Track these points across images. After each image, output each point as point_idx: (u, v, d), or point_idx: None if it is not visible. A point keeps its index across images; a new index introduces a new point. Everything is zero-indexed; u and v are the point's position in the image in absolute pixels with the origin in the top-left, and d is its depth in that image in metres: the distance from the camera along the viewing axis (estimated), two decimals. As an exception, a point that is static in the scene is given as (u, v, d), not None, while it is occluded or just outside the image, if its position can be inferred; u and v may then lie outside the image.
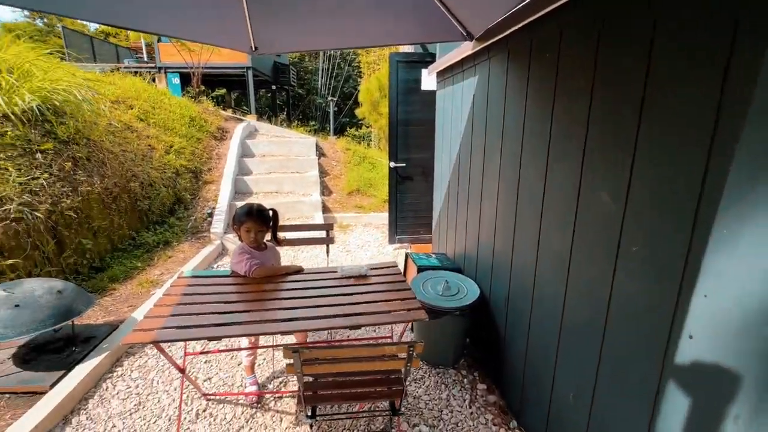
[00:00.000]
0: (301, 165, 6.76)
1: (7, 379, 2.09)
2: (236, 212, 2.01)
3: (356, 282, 1.91)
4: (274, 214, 2.13)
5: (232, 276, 1.95)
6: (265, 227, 2.04)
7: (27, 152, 3.30)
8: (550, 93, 1.57)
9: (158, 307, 1.61)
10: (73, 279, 3.29)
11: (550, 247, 1.63)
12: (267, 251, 2.10)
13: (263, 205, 2.09)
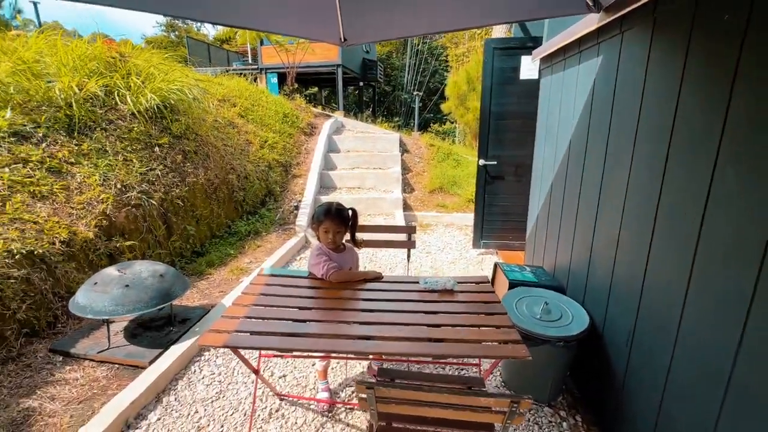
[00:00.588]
0: (384, 161, 6.69)
1: (118, 350, 2.31)
2: (315, 211, 1.92)
3: (441, 297, 1.67)
4: (353, 215, 1.99)
5: (309, 278, 1.86)
6: (344, 228, 1.91)
7: (147, 146, 3.72)
8: (726, 73, 1.13)
9: (235, 306, 1.57)
10: (177, 261, 3.63)
11: (713, 280, 1.19)
12: (345, 253, 1.98)
13: (342, 204, 1.97)
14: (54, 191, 2.81)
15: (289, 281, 1.81)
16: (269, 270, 1.89)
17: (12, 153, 2.78)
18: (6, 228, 2.38)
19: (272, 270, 1.89)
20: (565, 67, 2.49)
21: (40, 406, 1.91)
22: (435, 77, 24.84)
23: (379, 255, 4.36)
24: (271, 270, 1.88)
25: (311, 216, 1.90)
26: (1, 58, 3.28)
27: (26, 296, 2.32)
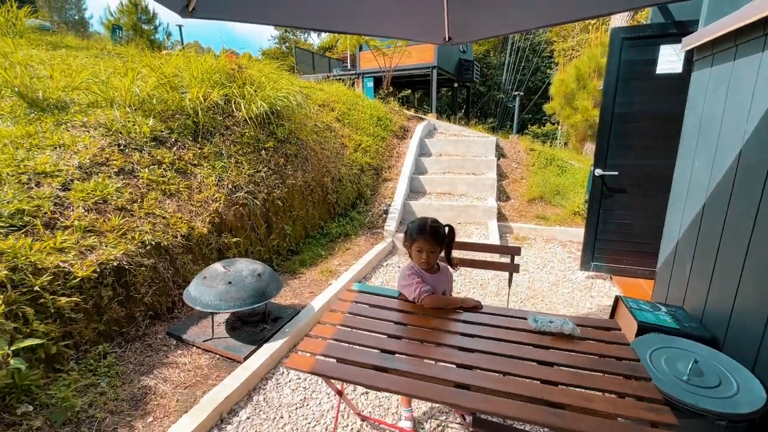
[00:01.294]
0: (478, 166, 6.31)
1: (219, 341, 2.48)
2: (408, 227, 1.77)
3: (556, 343, 1.37)
4: (450, 232, 1.79)
5: (400, 299, 1.72)
6: (439, 247, 1.73)
7: (255, 150, 4.02)
8: None
9: (322, 326, 1.50)
10: (274, 258, 3.85)
11: None
12: (439, 274, 1.79)
13: (437, 220, 1.78)
14: (180, 190, 3.16)
15: (377, 301, 1.69)
16: (358, 286, 1.80)
17: (151, 155, 3.22)
18: (142, 222, 2.74)
19: (361, 286, 1.79)
20: (735, 56, 1.93)
21: (155, 385, 2.11)
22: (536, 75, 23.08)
23: (472, 272, 4.06)
24: (359, 286, 1.79)
25: (404, 232, 1.75)
26: (150, 74, 3.84)
27: (153, 283, 2.63)
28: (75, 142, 2.96)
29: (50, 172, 2.62)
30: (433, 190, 6.01)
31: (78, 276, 2.16)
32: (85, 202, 2.57)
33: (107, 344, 2.29)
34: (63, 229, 2.37)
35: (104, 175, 2.84)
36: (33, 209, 2.32)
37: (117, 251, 2.42)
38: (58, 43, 5.69)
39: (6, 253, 1.99)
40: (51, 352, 1.95)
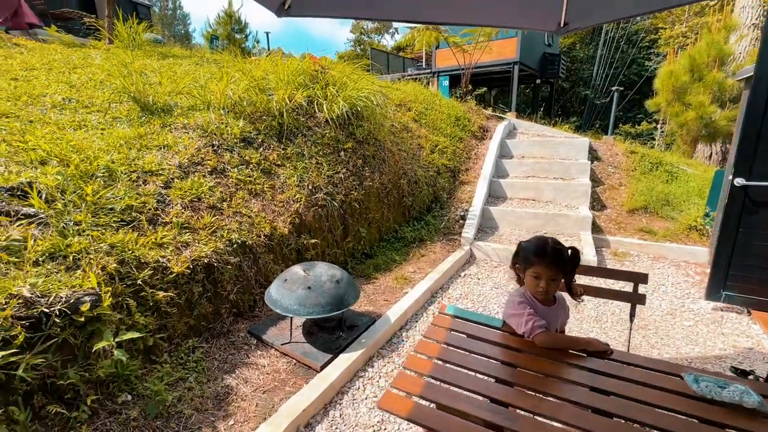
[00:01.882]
0: (567, 170, 5.68)
1: (297, 346, 2.45)
2: (522, 247, 1.51)
3: (731, 417, 1.02)
4: (574, 256, 1.49)
5: (504, 329, 1.47)
6: (561, 275, 1.44)
7: (335, 150, 4.00)
8: None
9: (416, 357, 1.31)
10: (349, 261, 3.79)
11: None
12: (555, 306, 1.50)
13: (559, 241, 1.49)
14: (264, 189, 3.23)
15: (478, 331, 1.46)
16: (453, 309, 1.58)
17: (240, 156, 3.34)
18: (230, 220, 2.83)
19: (456, 310, 1.57)
20: None
21: (236, 386, 2.12)
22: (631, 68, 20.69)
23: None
24: (454, 310, 1.57)
25: (515, 252, 1.49)
26: (242, 78, 4.03)
27: (237, 281, 2.69)
28: (176, 142, 3.17)
29: (155, 171, 2.81)
30: (514, 195, 5.54)
31: (174, 271, 2.25)
32: (182, 200, 2.72)
33: (196, 339, 2.37)
34: (163, 225, 2.51)
35: (199, 174, 2.99)
36: (140, 205, 2.49)
37: (208, 248, 2.51)
38: (166, 53, 6.34)
39: (116, 247, 2.13)
40: (148, 344, 2.05)
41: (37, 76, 4.09)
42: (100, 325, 1.77)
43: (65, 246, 1.96)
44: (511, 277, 2.71)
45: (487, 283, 3.67)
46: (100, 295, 1.81)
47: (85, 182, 2.42)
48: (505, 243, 4.48)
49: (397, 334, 2.77)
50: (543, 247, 1.43)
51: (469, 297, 3.41)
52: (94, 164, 2.56)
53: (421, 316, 3.05)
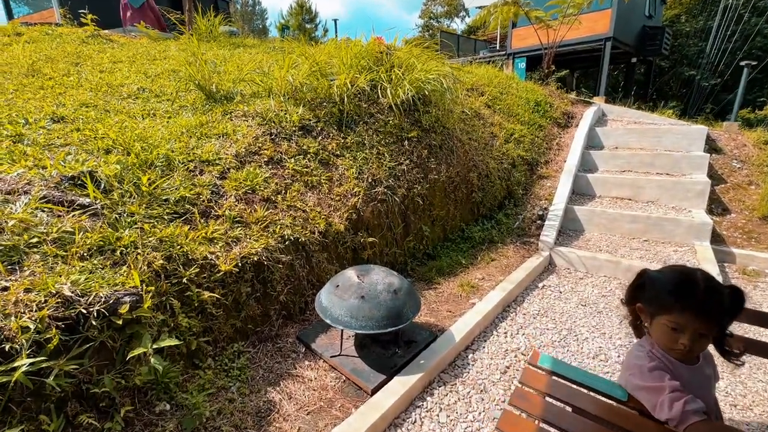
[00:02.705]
0: (676, 164, 4.70)
1: (347, 360, 2.18)
2: (651, 280, 1.03)
3: None
4: (736, 300, 0.96)
5: (628, 406, 1.01)
6: (716, 328, 0.94)
7: (398, 140, 3.64)
8: None
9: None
10: (410, 262, 3.45)
11: None
12: (700, 365, 1.00)
13: (713, 277, 0.98)
14: (321, 182, 3.00)
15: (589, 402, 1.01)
16: (550, 362, 1.15)
17: (298, 145, 3.14)
18: (283, 215, 2.63)
19: (555, 364, 1.14)
20: None
21: (279, 402, 1.91)
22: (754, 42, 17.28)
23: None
24: (552, 363, 1.14)
25: (634, 286, 1.02)
26: (304, 62, 3.83)
27: (288, 281, 2.49)
28: (235, 131, 3.06)
29: (212, 161, 2.71)
30: (605, 193, 4.72)
31: (222, 269, 2.10)
32: (236, 192, 2.57)
33: (242, 343, 2.21)
34: (215, 218, 2.38)
35: (255, 165, 2.83)
36: (194, 197, 2.39)
37: (258, 245, 2.33)
38: (239, 44, 6.46)
39: (165, 241, 2.02)
40: (192, 348, 1.91)
41: (120, 68, 4.30)
42: (139, 328, 1.64)
43: (115, 239, 1.88)
44: (622, 316, 2.12)
45: (571, 299, 3.09)
46: (142, 296, 1.68)
47: (143, 171, 2.36)
48: (593, 250, 3.79)
49: (462, 356, 2.37)
50: (690, 285, 0.94)
51: (549, 314, 2.87)
52: (153, 153, 2.51)
53: (491, 334, 2.61)
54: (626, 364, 1.04)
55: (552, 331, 2.65)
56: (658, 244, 3.85)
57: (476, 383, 2.14)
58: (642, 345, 1.04)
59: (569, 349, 2.45)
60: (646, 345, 1.03)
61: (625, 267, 3.35)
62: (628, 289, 1.09)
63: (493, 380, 2.17)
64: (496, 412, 1.93)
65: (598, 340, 2.55)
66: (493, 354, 2.40)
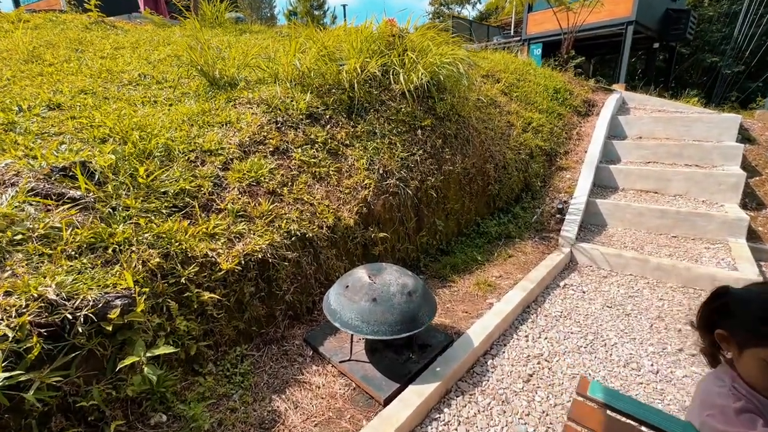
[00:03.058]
0: (707, 154, 4.41)
1: (357, 366, 2.03)
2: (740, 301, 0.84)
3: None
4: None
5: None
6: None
7: (411, 128, 3.44)
8: None
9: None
10: (422, 258, 3.28)
11: None
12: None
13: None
14: (329, 173, 2.83)
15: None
16: (601, 391, 0.97)
17: (305, 134, 2.96)
18: (290, 208, 2.47)
19: (608, 395, 0.95)
20: None
21: (285, 412, 1.77)
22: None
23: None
24: (605, 393, 0.96)
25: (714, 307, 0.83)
26: (312, 46, 3.63)
27: (295, 279, 2.34)
28: (239, 119, 2.89)
29: (214, 150, 2.55)
30: (629, 185, 4.47)
31: (223, 268, 1.95)
32: (240, 184, 2.42)
33: (246, 346, 2.08)
34: (217, 212, 2.23)
35: (260, 155, 2.67)
36: (194, 189, 2.23)
37: (263, 241, 2.17)
38: (245, 30, 6.25)
39: (163, 238, 1.87)
40: (191, 353, 1.78)
41: (122, 54, 4.14)
42: (131, 334, 1.50)
43: (107, 235, 1.74)
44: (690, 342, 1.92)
45: (596, 300, 2.89)
46: (135, 298, 1.54)
47: (141, 162, 2.21)
48: (618, 247, 3.57)
49: (481, 362, 2.21)
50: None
51: (572, 317, 2.69)
52: (152, 142, 2.35)
53: (510, 338, 2.44)
54: (702, 401, 0.86)
55: (577, 335, 2.46)
56: (687, 240, 3.60)
57: (497, 393, 1.98)
58: (721, 378, 0.85)
59: (597, 356, 2.26)
60: (726, 378, 0.84)
61: (653, 266, 3.13)
62: (702, 309, 0.90)
63: (515, 390, 2.00)
64: (519, 427, 1.77)
65: (628, 346, 2.35)
66: (514, 360, 2.22)
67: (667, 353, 2.28)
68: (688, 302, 2.82)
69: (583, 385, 0.95)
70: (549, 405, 1.90)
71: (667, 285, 3.06)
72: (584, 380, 0.97)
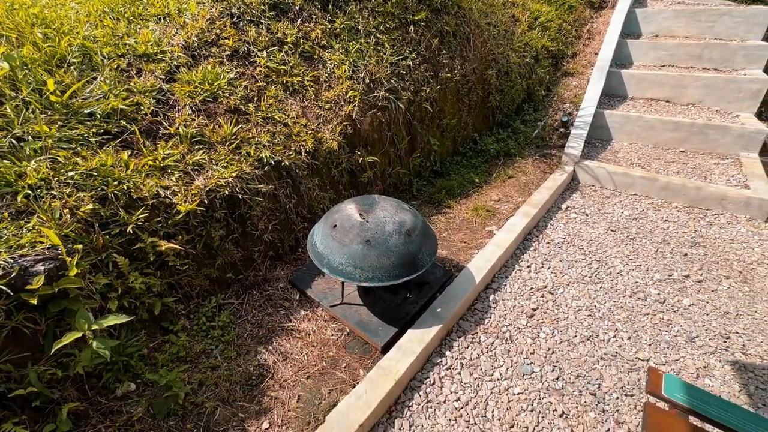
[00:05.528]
0: (730, 56, 3.94)
1: (350, 311, 1.85)
2: None
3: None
4: None
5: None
6: None
7: (401, 24, 2.81)
8: None
9: None
10: (415, 182, 2.96)
11: None
12: None
13: None
14: (305, 84, 2.31)
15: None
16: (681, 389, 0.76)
17: (270, 32, 2.34)
18: (259, 130, 2.02)
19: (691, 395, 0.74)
20: None
21: (273, 365, 1.61)
22: None
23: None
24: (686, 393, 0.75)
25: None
26: None
27: (272, 215, 2.02)
28: (181, 10, 2.23)
29: (152, 55, 1.97)
30: (640, 93, 4.04)
31: (181, 210, 1.59)
32: (192, 100, 1.92)
33: (222, 295, 1.83)
34: (166, 138, 1.78)
35: (214, 61, 2.11)
36: (132, 109, 1.74)
37: (229, 173, 1.79)
38: None
39: (95, 176, 1.46)
40: (155, 311, 1.52)
41: None
42: (68, 304, 1.20)
43: (14, 177, 1.32)
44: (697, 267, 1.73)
45: (599, 223, 2.72)
46: (64, 260, 1.20)
47: (50, 72, 1.67)
48: (623, 163, 3.31)
49: (482, 297, 2.06)
50: None
51: (576, 242, 2.53)
52: (62, 44, 1.77)
53: (512, 268, 2.28)
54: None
55: (581, 263, 2.33)
56: (696, 155, 3.37)
57: (500, 331, 1.86)
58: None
59: (602, 286, 2.15)
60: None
61: (661, 185, 2.92)
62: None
63: (519, 327, 1.89)
64: (525, 368, 1.68)
65: (634, 273, 2.24)
66: (517, 294, 2.09)
67: (674, 280, 2.19)
68: (694, 224, 2.68)
69: (655, 381, 0.73)
70: (554, 342, 1.81)
71: (672, 205, 2.90)
72: (655, 374, 0.75)
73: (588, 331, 1.87)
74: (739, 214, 2.74)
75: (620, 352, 1.76)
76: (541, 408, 1.52)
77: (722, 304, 2.02)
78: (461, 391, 1.58)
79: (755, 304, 2.03)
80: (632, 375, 1.65)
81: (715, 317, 1.95)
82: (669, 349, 1.77)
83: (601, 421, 1.48)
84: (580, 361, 1.72)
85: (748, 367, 1.69)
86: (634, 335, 1.84)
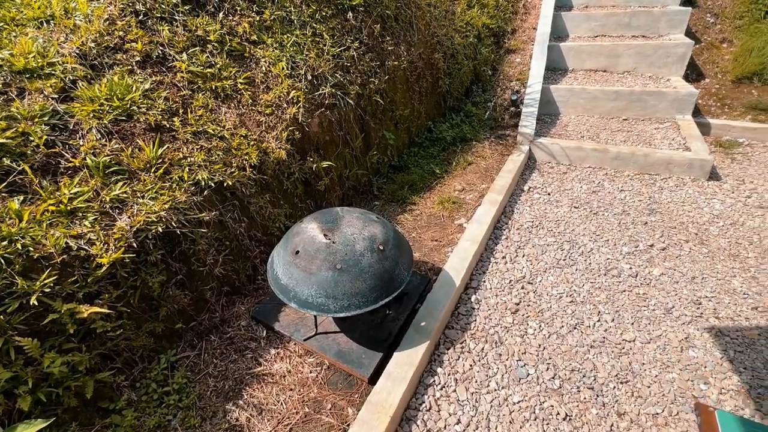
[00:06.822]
0: (654, 23, 4.12)
1: (327, 341, 1.66)
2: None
3: None
4: None
5: None
6: None
7: (339, 11, 2.56)
8: None
9: None
10: (375, 181, 2.78)
11: None
12: None
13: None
14: (238, 88, 2.01)
15: None
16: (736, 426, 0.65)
17: (187, 29, 2.00)
18: (190, 148, 1.72)
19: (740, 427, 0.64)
20: None
21: (247, 423, 1.39)
22: None
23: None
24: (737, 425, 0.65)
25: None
26: None
27: (221, 246, 1.74)
28: (69, 11, 1.82)
29: (37, 69, 1.59)
30: (579, 65, 4.13)
31: (103, 263, 1.29)
32: (99, 121, 1.57)
33: (173, 350, 1.56)
34: (70, 173, 1.43)
35: (122, 70, 1.75)
36: (17, 142, 1.38)
37: (159, 206, 1.49)
38: None
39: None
40: (87, 394, 1.23)
41: None
42: (-46, 422, 0.90)
43: None
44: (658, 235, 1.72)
45: (562, 201, 2.73)
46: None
47: None
48: (575, 137, 3.36)
49: (464, 299, 1.96)
50: None
51: (544, 224, 2.51)
52: None
53: (488, 262, 2.20)
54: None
55: (553, 246, 2.30)
56: (638, 122, 3.50)
57: (488, 334, 1.77)
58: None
59: (577, 267, 2.13)
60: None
61: (612, 155, 2.99)
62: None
63: (505, 326, 1.81)
64: (520, 371, 1.60)
65: (604, 250, 2.26)
66: (497, 289, 2.01)
67: (641, 251, 2.23)
68: (647, 190, 2.77)
69: (707, 420, 0.64)
70: (543, 336, 1.75)
71: (624, 174, 2.98)
72: (706, 411, 0.65)
73: (573, 318, 1.83)
74: (684, 176, 2.87)
75: (607, 337, 1.74)
76: (543, 414, 1.45)
77: (688, 270, 2.08)
78: (460, 411, 1.46)
79: (715, 265, 2.11)
80: (623, 359, 1.63)
81: (685, 284, 2.00)
82: (651, 325, 1.78)
83: (603, 416, 1.44)
84: (572, 353, 1.67)
85: (723, 331, 1.74)
86: (617, 316, 1.84)
